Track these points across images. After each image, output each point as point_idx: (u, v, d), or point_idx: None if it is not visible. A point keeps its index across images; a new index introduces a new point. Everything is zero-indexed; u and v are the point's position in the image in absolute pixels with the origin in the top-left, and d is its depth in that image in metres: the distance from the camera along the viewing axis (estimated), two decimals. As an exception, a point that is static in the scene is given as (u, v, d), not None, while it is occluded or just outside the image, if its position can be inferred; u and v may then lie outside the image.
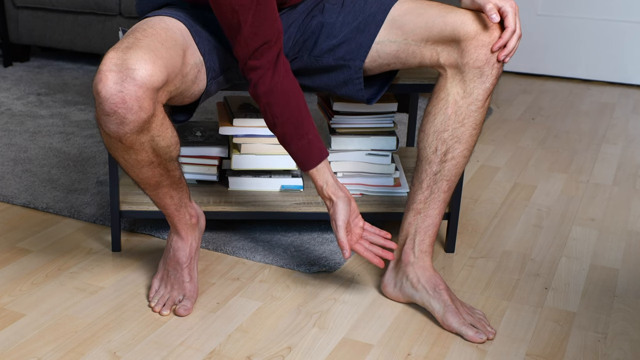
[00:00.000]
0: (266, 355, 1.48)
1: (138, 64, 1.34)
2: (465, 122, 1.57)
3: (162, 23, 1.50)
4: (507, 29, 1.49)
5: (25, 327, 1.54)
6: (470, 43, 1.52)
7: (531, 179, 2.44)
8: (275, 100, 1.52)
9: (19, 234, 1.93)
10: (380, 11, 1.62)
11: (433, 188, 1.62)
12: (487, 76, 1.54)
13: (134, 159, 1.45)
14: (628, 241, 2.03)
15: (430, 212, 1.64)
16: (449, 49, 1.55)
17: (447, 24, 1.53)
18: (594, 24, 3.62)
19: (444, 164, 1.60)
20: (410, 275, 1.64)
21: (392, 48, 1.61)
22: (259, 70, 1.50)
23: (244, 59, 1.50)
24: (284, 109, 1.53)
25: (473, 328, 1.55)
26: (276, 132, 1.56)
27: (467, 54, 1.52)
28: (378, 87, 1.72)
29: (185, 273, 1.64)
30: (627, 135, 2.92)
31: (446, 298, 1.59)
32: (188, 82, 1.51)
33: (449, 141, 1.59)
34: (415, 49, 1.59)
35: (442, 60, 1.56)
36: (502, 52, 1.51)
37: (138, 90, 1.33)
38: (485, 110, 1.58)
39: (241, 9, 1.43)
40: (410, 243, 1.65)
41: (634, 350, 1.55)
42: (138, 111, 1.34)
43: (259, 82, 1.51)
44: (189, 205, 1.64)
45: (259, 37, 1.47)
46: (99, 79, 1.33)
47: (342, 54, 1.64)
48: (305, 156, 1.58)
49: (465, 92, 1.55)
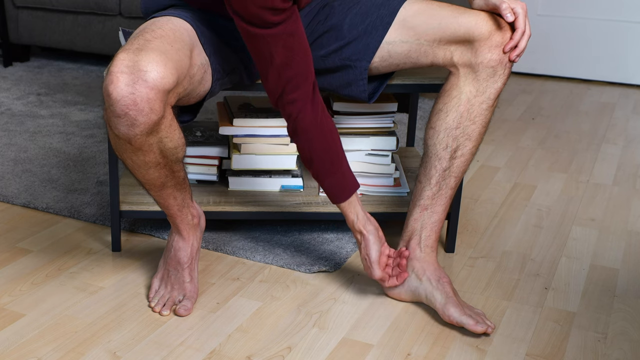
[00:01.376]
0: (266, 355, 1.48)
1: (150, 66, 1.33)
2: (477, 120, 1.60)
3: (169, 24, 1.49)
4: (517, 30, 1.53)
5: (25, 327, 1.54)
6: (485, 43, 1.54)
7: (531, 179, 2.44)
8: (316, 136, 1.53)
9: (19, 234, 1.93)
10: (388, 13, 1.63)
11: (442, 184, 1.64)
12: (500, 76, 1.57)
13: (141, 160, 1.45)
14: (628, 241, 2.03)
15: (437, 209, 1.65)
16: (462, 48, 1.56)
17: (460, 24, 1.55)
18: (594, 24, 3.62)
19: (453, 160, 1.62)
20: (416, 268, 1.65)
21: (404, 48, 1.62)
22: (297, 102, 1.49)
23: (278, 91, 1.49)
24: (324, 146, 1.55)
25: (473, 319, 1.56)
26: (313, 167, 1.57)
27: (480, 54, 1.55)
28: (377, 84, 1.72)
29: (186, 273, 1.64)
30: (627, 135, 2.92)
31: (448, 290, 1.60)
32: (195, 83, 1.51)
33: (460, 138, 1.61)
34: (427, 49, 1.60)
35: (456, 60, 1.58)
36: (514, 53, 1.54)
37: (149, 92, 1.33)
38: (494, 110, 1.61)
39: (272, 39, 1.43)
40: (417, 238, 1.66)
41: (634, 350, 1.55)
42: (149, 113, 1.34)
43: (299, 116, 1.50)
44: (191, 206, 1.64)
45: (293, 67, 1.46)
46: (110, 80, 1.33)
47: (348, 54, 1.65)
48: (339, 190, 1.59)
49: (478, 91, 1.58)
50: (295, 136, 1.55)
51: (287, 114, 1.52)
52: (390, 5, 1.63)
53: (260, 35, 1.43)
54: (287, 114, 1.52)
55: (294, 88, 1.48)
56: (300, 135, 1.53)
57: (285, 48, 1.44)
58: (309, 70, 1.50)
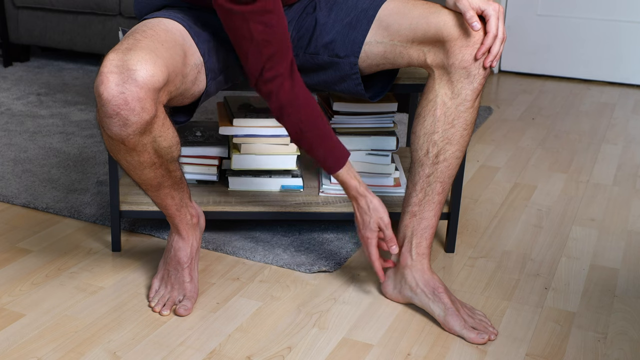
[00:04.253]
0: (266, 355, 1.48)
1: (139, 65, 1.34)
2: (455, 123, 1.57)
3: (161, 24, 1.50)
4: (488, 34, 1.48)
5: (25, 327, 1.54)
6: (455, 44, 1.51)
7: (531, 179, 2.44)
8: (302, 105, 1.52)
9: (19, 234, 1.93)
10: (372, 7, 1.62)
11: (427, 190, 1.62)
12: (475, 76, 1.53)
13: (136, 160, 1.45)
14: (628, 241, 2.03)
15: (425, 215, 1.63)
16: (435, 49, 1.54)
17: (430, 25, 1.53)
18: (594, 24, 3.62)
19: (436, 165, 1.60)
20: (408, 279, 1.64)
21: (380, 49, 1.61)
22: (277, 79, 1.49)
23: (258, 69, 1.49)
24: (311, 112, 1.54)
25: (474, 330, 1.55)
26: (304, 138, 1.56)
27: (452, 54, 1.52)
28: (380, 87, 1.72)
29: (186, 273, 1.64)
30: (627, 135, 2.92)
31: (446, 301, 1.58)
32: (188, 83, 1.51)
33: (440, 143, 1.58)
34: (401, 49, 1.59)
35: (429, 61, 1.56)
36: (488, 58, 1.50)
37: (140, 91, 1.33)
38: (475, 110, 1.58)
39: (251, 15, 1.43)
40: (408, 246, 1.65)
41: (634, 350, 1.55)
42: (140, 112, 1.34)
43: (279, 91, 1.50)
44: (190, 205, 1.64)
45: (272, 44, 1.46)
46: (100, 81, 1.33)
47: (336, 50, 1.64)
48: (334, 158, 1.59)
49: (454, 93, 1.55)
50: (281, 112, 1.53)
51: (267, 92, 1.51)
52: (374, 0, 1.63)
53: (239, 12, 1.42)
54: (268, 91, 1.51)
55: (273, 65, 1.48)
56: (286, 108, 1.52)
57: (264, 25, 1.44)
58: (287, 47, 1.49)
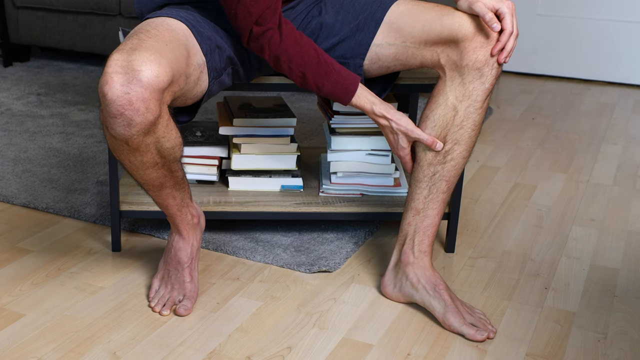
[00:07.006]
0: (266, 355, 1.48)
1: (144, 65, 1.33)
2: (464, 125, 1.58)
3: (164, 24, 1.50)
4: (505, 31, 1.50)
5: (25, 327, 1.54)
6: (469, 44, 1.52)
7: (531, 179, 2.44)
8: (292, 50, 1.53)
9: (19, 234, 1.93)
10: (380, 10, 1.62)
11: (432, 188, 1.62)
12: (487, 77, 1.54)
13: (139, 160, 1.45)
14: (628, 241, 2.03)
15: (429, 212, 1.64)
16: (449, 49, 1.55)
17: (444, 26, 1.54)
18: (594, 24, 3.62)
19: (443, 165, 1.60)
20: (410, 275, 1.64)
21: (391, 51, 1.62)
22: (267, 33, 1.51)
23: (247, 28, 1.50)
24: (307, 50, 1.54)
25: (474, 327, 1.55)
26: (308, 78, 1.56)
27: (466, 55, 1.53)
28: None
29: (186, 273, 1.64)
30: (627, 135, 2.92)
31: (446, 298, 1.59)
32: (191, 83, 1.51)
33: (448, 144, 1.59)
34: (414, 51, 1.59)
35: (443, 61, 1.56)
36: (502, 55, 1.52)
37: (144, 91, 1.33)
38: (484, 111, 1.58)
39: None
40: (410, 243, 1.65)
41: (634, 350, 1.55)
42: (145, 112, 1.34)
43: (270, 43, 1.52)
44: (191, 205, 1.64)
45: (261, 2, 1.47)
46: (105, 81, 1.33)
47: (342, 52, 1.64)
48: (343, 88, 1.58)
49: (465, 95, 1.55)
50: (278, 63, 1.55)
51: (260, 47, 1.53)
52: (382, 2, 1.63)
53: None
54: (259, 47, 1.53)
55: (262, 21, 1.50)
56: (282, 56, 1.53)
57: None
58: (277, 3, 1.50)
